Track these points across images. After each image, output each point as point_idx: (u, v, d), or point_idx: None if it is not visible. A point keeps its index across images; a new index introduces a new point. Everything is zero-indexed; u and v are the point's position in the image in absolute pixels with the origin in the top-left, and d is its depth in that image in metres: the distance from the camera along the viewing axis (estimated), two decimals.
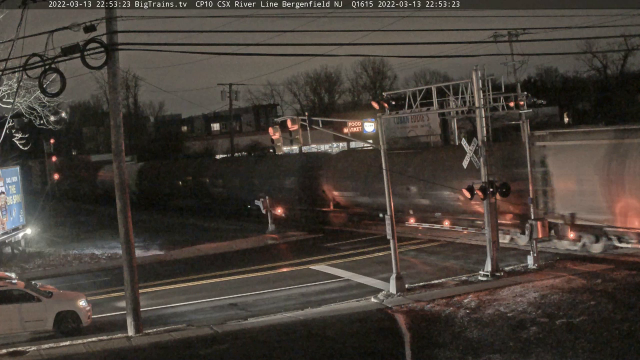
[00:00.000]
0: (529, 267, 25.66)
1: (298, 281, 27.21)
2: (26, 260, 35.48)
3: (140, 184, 63.97)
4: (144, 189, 63.81)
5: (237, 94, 69.65)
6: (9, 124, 27.75)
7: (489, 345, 17.89)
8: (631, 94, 71.88)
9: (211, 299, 25.42)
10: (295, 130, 26.36)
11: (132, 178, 60.80)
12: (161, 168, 63.82)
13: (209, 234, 41.92)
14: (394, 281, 23.82)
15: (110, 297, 26.12)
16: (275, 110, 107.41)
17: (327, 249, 34.11)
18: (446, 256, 30.08)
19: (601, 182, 25.97)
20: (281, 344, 19.14)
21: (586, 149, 26.87)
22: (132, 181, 59.66)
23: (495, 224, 25.41)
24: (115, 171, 21.16)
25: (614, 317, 18.69)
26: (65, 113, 45.60)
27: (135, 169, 65.44)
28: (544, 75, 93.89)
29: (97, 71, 34.53)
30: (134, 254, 21.35)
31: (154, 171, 63.83)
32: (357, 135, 47.87)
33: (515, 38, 42.42)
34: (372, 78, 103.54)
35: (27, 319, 21.31)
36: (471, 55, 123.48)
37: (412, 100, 30.11)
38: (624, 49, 71.56)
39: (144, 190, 63.84)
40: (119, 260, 25.75)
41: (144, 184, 63.91)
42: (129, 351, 19.36)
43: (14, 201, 37.34)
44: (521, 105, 27.49)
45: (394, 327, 20.27)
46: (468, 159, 25.58)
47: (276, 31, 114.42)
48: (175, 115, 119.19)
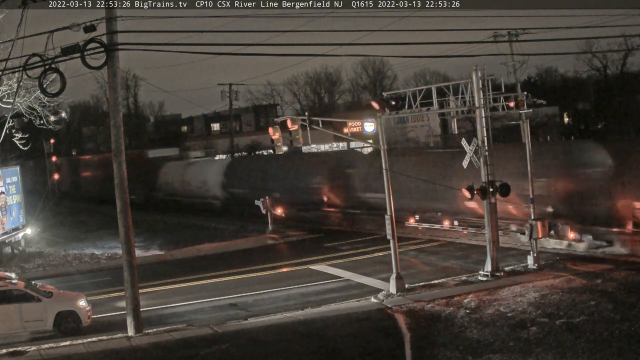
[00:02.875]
0: (529, 267, 25.67)
1: (298, 281, 27.21)
2: (26, 260, 35.48)
3: (229, 184, 51.13)
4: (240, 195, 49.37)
5: (237, 94, 69.65)
6: (9, 124, 27.77)
7: (489, 345, 17.89)
8: (631, 94, 71.89)
9: (211, 299, 25.42)
10: (295, 130, 26.37)
11: (212, 179, 53.63)
12: (266, 166, 49.00)
13: (209, 233, 41.91)
14: (394, 281, 23.82)
15: (110, 297, 26.13)
16: (275, 110, 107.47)
17: (327, 249, 34.11)
18: (446, 256, 30.08)
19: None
20: (281, 344, 19.14)
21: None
22: (213, 182, 53.05)
23: (495, 224, 25.41)
24: (116, 171, 21.15)
25: (614, 317, 18.69)
26: (65, 113, 45.56)
27: (221, 169, 53.35)
28: (544, 75, 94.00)
29: (97, 71, 34.51)
30: (134, 254, 21.36)
31: (259, 170, 48.98)
32: (357, 135, 47.89)
33: (515, 38, 42.42)
34: (372, 78, 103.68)
35: (27, 319, 21.32)
36: (471, 55, 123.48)
37: (412, 100, 30.08)
38: (624, 49, 71.59)
39: (238, 196, 49.77)
40: (119, 260, 25.74)
41: (242, 183, 49.58)
42: (129, 351, 19.36)
43: (14, 201, 37.35)
44: (521, 105, 27.46)
45: (394, 327, 20.26)
46: (468, 159, 25.58)
47: (276, 31, 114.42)
48: (175, 115, 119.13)
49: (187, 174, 57.09)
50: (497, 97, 27.86)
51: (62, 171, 79.33)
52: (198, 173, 55.66)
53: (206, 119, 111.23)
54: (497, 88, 29.27)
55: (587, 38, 64.82)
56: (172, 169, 59.89)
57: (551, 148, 31.73)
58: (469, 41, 37.10)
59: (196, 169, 57.03)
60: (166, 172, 60.04)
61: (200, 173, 55.35)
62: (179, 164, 61.72)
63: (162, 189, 60.08)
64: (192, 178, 55.98)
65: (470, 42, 34.84)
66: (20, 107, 31.81)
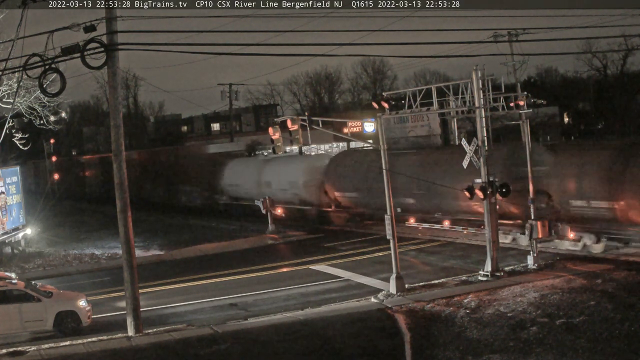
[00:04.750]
0: (529, 267, 25.66)
1: (298, 281, 27.21)
2: (26, 260, 35.50)
3: (333, 187, 40.55)
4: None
5: (237, 94, 69.58)
6: (9, 124, 27.76)
7: (489, 345, 17.89)
8: (631, 94, 71.92)
9: (211, 299, 25.42)
10: (295, 130, 26.42)
11: (305, 180, 42.14)
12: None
13: (208, 233, 41.90)
14: (394, 281, 23.82)
15: (110, 297, 26.12)
16: (275, 110, 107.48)
17: (327, 249, 34.10)
18: (446, 256, 30.08)
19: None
20: (281, 344, 19.14)
21: None
22: (305, 184, 41.84)
23: (495, 224, 25.41)
24: (116, 171, 21.14)
25: (614, 317, 18.69)
26: (65, 113, 45.61)
27: (321, 167, 41.92)
28: (544, 75, 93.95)
29: (97, 71, 34.49)
30: (134, 254, 21.35)
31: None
32: (357, 135, 47.86)
33: (515, 38, 42.36)
34: (372, 78, 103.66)
35: (27, 319, 21.33)
36: (471, 55, 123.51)
37: (412, 100, 30.15)
38: (624, 49, 71.50)
39: (345, 202, 40.21)
40: (119, 260, 25.75)
41: (350, 185, 38.92)
42: (129, 351, 19.35)
43: (14, 201, 37.37)
44: (521, 105, 27.48)
45: (394, 327, 20.26)
46: (468, 159, 25.58)
47: (276, 31, 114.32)
48: (175, 115, 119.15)
49: (266, 174, 45.78)
50: (497, 97, 27.89)
51: (62, 171, 79.17)
52: (284, 172, 44.11)
53: (206, 119, 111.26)
54: (497, 88, 29.29)
55: (587, 38, 64.68)
56: (242, 168, 49.15)
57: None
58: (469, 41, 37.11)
59: (281, 167, 44.73)
60: (233, 171, 49.33)
61: (288, 172, 43.66)
62: (251, 162, 50.48)
63: (226, 191, 49.75)
64: (275, 179, 44.73)
65: (470, 42, 34.82)
66: (20, 107, 31.82)
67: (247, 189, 47.19)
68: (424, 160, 34.14)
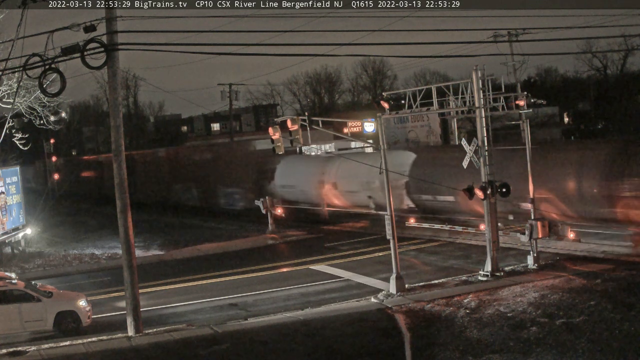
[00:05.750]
0: (529, 267, 25.66)
1: (298, 281, 27.21)
2: (26, 260, 35.49)
3: (417, 188, 33.72)
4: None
5: (237, 94, 69.61)
6: (9, 124, 27.77)
7: (489, 345, 17.90)
8: (631, 94, 71.97)
9: (211, 299, 25.42)
10: (295, 130, 26.38)
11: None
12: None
13: (209, 233, 41.89)
14: (394, 281, 23.82)
15: (110, 297, 26.13)
16: (275, 110, 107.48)
17: (327, 249, 34.10)
18: (446, 256, 30.07)
19: None
20: (281, 344, 19.14)
21: None
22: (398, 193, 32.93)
23: (495, 224, 25.41)
24: (116, 171, 21.14)
25: (614, 317, 18.69)
26: (65, 113, 45.53)
27: (408, 162, 33.76)
28: (544, 75, 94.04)
29: (97, 71, 34.44)
30: (134, 254, 21.36)
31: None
32: (357, 135, 47.86)
33: (515, 38, 42.48)
34: (372, 78, 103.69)
35: (27, 319, 21.34)
36: (471, 55, 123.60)
37: (412, 100, 30.18)
38: (624, 49, 71.71)
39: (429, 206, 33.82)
40: (119, 260, 25.75)
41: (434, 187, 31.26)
42: (129, 351, 19.36)
43: (14, 201, 37.36)
44: (521, 105, 27.50)
45: (394, 327, 20.27)
46: (468, 159, 25.59)
47: (276, 31, 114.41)
48: (175, 115, 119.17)
49: (330, 174, 39.28)
50: (497, 97, 27.93)
51: (62, 171, 79.11)
52: (355, 174, 36.36)
53: (206, 119, 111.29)
54: (497, 88, 29.34)
55: (587, 38, 65.03)
56: (298, 167, 42.27)
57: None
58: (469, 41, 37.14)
59: (353, 167, 35.19)
60: (287, 170, 42.44)
61: (361, 173, 35.08)
62: (311, 159, 42.76)
63: (279, 194, 41.97)
64: (344, 181, 38.27)
65: (470, 42, 34.89)
66: (20, 107, 31.82)
67: (307, 190, 40.80)
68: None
